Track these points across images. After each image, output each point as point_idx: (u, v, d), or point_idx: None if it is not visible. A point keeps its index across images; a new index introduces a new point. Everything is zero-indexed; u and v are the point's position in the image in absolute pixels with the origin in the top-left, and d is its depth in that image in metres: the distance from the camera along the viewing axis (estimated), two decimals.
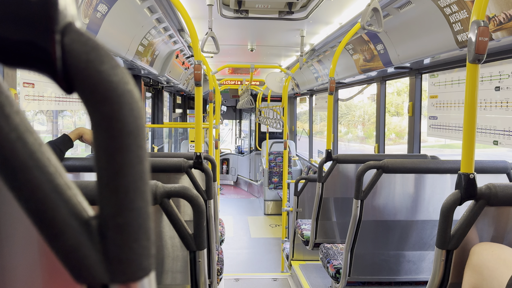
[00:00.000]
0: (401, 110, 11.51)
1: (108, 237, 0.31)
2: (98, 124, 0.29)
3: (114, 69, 0.29)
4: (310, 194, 3.90)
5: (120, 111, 0.29)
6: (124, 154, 0.29)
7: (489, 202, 1.27)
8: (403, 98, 10.90)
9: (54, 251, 0.30)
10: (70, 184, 0.31)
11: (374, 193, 2.22)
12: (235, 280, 4.25)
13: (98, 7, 2.24)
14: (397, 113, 11.97)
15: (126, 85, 0.29)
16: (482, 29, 1.20)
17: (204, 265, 1.35)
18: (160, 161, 2.03)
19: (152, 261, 0.33)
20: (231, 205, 8.69)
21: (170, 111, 7.90)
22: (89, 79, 0.28)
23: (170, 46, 4.34)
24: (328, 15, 3.58)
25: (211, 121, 4.38)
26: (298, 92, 8.05)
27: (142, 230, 0.31)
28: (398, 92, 7.66)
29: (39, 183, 0.29)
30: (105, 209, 0.30)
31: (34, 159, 0.29)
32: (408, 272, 2.34)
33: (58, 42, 0.28)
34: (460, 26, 2.33)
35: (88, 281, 0.31)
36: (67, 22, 0.29)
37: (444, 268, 1.33)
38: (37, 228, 0.30)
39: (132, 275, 0.32)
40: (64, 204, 0.30)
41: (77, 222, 0.30)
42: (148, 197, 0.32)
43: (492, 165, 2.08)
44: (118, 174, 0.30)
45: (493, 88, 2.56)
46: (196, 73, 2.09)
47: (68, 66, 0.28)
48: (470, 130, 1.30)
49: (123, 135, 0.29)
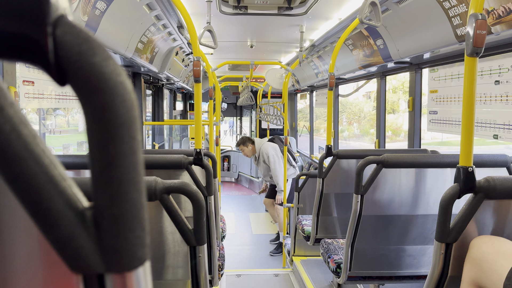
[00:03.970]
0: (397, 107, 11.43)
1: (102, 227, 0.31)
2: (91, 115, 0.29)
3: (106, 60, 0.29)
4: (311, 190, 3.91)
5: (113, 102, 0.29)
6: (117, 145, 0.30)
7: (488, 195, 1.27)
8: (399, 96, 10.85)
9: (50, 241, 0.31)
10: (64, 175, 0.31)
11: (374, 188, 2.22)
12: (236, 276, 4.26)
13: (97, 4, 2.24)
14: (393, 111, 11.89)
15: (118, 76, 0.30)
16: (480, 22, 1.20)
17: (205, 260, 1.36)
18: (160, 158, 2.03)
19: (147, 251, 0.33)
20: (232, 202, 8.71)
21: (171, 108, 7.91)
22: (82, 71, 0.28)
23: (170, 43, 4.33)
24: (328, 11, 3.57)
25: (211, 118, 4.38)
26: (299, 89, 8.05)
27: (137, 220, 0.32)
28: (394, 90, 7.62)
29: (34, 174, 0.30)
30: (99, 199, 0.31)
31: (29, 151, 0.30)
32: (409, 266, 2.34)
33: (50, 34, 0.28)
34: (459, 20, 2.33)
35: (84, 271, 0.32)
36: (59, 15, 0.29)
37: (444, 261, 1.34)
38: (32, 218, 0.30)
39: (127, 265, 0.32)
40: (59, 194, 0.30)
41: (72, 212, 0.31)
42: (143, 188, 0.32)
43: (492, 159, 2.08)
44: (111, 165, 0.30)
45: (492, 82, 2.56)
46: (195, 70, 2.09)
47: (60, 58, 0.28)
48: (469, 123, 1.30)
49: (116, 126, 0.29)
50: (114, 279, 0.32)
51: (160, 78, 5.61)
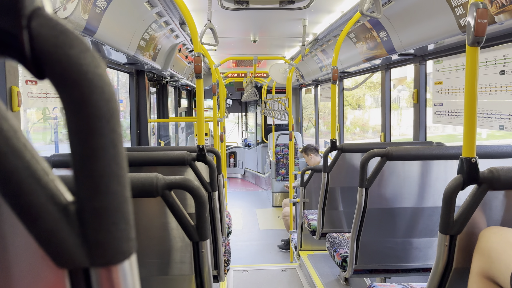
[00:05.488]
0: (363, 102, 11.25)
1: (85, 221, 0.31)
2: (70, 109, 0.29)
3: (83, 52, 0.29)
4: (316, 185, 3.90)
5: (91, 95, 0.29)
6: (97, 138, 0.29)
7: (491, 186, 1.26)
8: (364, 91, 10.71)
9: (33, 235, 0.31)
10: (47, 169, 0.31)
11: (379, 181, 2.21)
12: (244, 271, 4.27)
13: (97, 2, 2.24)
14: (359, 106, 11.72)
15: (96, 68, 0.29)
16: (480, 11, 1.19)
17: (208, 256, 1.36)
18: (164, 154, 2.04)
19: (132, 244, 0.33)
20: (239, 198, 8.72)
21: (176, 105, 7.91)
22: (58, 64, 0.28)
23: (172, 40, 4.33)
24: (330, 3, 3.54)
25: (215, 114, 4.38)
26: (303, 83, 8.02)
27: (120, 214, 0.31)
28: (355, 82, 7.46)
29: (15, 169, 0.29)
30: (81, 193, 0.31)
31: (9, 145, 0.29)
32: (415, 259, 2.33)
33: (25, 27, 0.28)
34: (462, 10, 2.30)
35: (68, 265, 0.32)
36: (35, 7, 0.28)
37: (448, 253, 1.33)
38: (14, 213, 0.30)
39: (111, 258, 0.32)
40: (41, 189, 0.30)
41: (55, 207, 0.31)
42: (125, 181, 0.32)
43: (497, 150, 2.06)
44: (91, 158, 0.30)
45: (498, 72, 2.53)
46: (196, 65, 2.09)
47: (36, 51, 0.28)
48: (471, 113, 1.29)
49: (95, 118, 0.29)
50: (100, 273, 0.32)
51: (164, 76, 5.62)
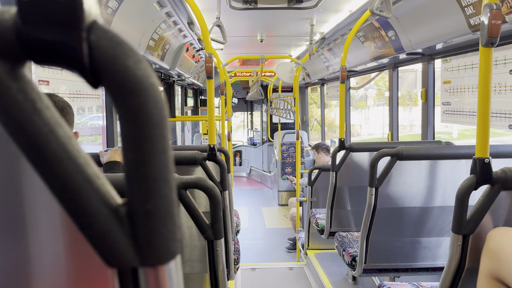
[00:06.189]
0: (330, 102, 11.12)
1: (137, 222, 0.33)
2: (126, 116, 0.30)
3: (138, 63, 0.30)
4: (323, 184, 3.91)
5: (147, 103, 0.30)
6: (151, 144, 0.31)
7: (505, 186, 1.26)
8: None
9: (87, 238, 0.32)
10: (98, 173, 0.33)
11: (388, 181, 2.22)
12: (251, 270, 4.29)
13: (109, 3, 2.26)
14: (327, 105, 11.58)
15: (150, 78, 0.31)
16: (494, 12, 1.19)
17: (222, 254, 1.38)
18: (175, 154, 2.05)
19: (179, 244, 0.35)
20: (245, 197, 8.73)
21: (182, 104, 7.94)
22: (116, 74, 0.30)
23: (180, 39, 4.35)
24: (338, 3, 3.54)
25: (223, 113, 4.39)
26: (309, 82, 8.02)
27: (169, 216, 0.33)
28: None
29: (72, 174, 0.31)
30: (134, 196, 0.32)
31: (66, 151, 0.31)
32: (425, 259, 2.34)
33: (85, 40, 0.29)
34: (473, 9, 2.30)
35: (119, 265, 0.33)
36: (92, 20, 0.30)
37: (461, 253, 1.33)
38: (71, 216, 0.32)
39: (160, 258, 0.33)
40: (95, 192, 0.32)
41: (108, 209, 0.32)
42: (173, 184, 0.34)
43: (508, 150, 2.06)
44: (145, 163, 0.31)
45: (507, 72, 2.52)
46: (207, 66, 2.10)
47: (95, 62, 0.30)
48: (484, 114, 1.29)
49: (150, 126, 0.31)
50: (148, 273, 0.34)
51: (171, 75, 5.64)
